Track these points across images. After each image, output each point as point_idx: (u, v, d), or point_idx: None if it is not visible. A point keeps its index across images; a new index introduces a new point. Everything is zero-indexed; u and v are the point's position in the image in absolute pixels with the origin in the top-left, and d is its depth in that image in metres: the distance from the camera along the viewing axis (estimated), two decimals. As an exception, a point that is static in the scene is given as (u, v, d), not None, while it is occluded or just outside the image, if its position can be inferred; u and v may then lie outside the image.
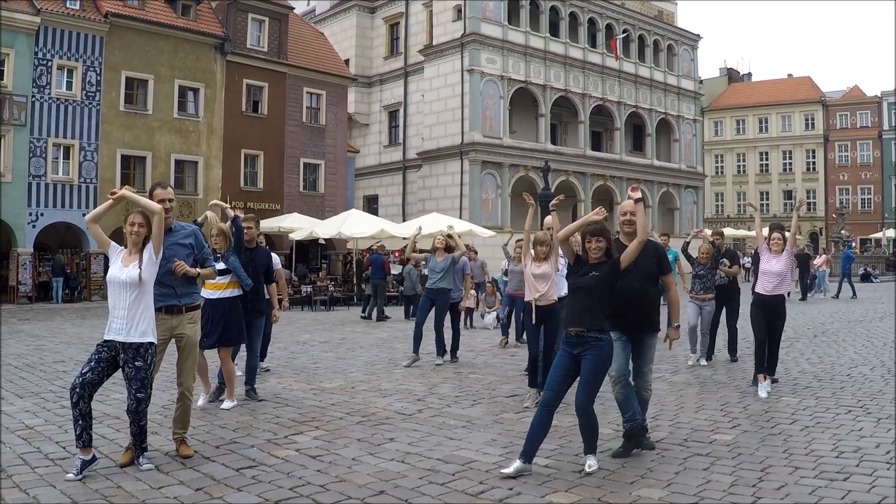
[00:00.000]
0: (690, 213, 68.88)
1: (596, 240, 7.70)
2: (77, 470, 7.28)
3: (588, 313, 7.55)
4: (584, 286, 7.60)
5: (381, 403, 11.14)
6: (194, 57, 40.58)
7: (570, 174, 57.35)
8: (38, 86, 35.31)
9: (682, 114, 68.23)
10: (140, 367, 7.52)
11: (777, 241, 12.19)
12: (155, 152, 39.00)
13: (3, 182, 34.27)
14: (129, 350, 7.49)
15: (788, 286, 12.81)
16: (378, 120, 62.78)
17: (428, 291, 15.44)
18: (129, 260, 7.57)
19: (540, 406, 7.63)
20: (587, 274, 7.64)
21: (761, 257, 12.31)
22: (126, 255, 7.63)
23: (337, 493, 6.94)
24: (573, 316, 7.61)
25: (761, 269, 12.17)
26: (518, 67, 54.91)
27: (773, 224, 13.14)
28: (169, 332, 8.39)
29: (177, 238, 8.48)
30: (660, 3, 70.04)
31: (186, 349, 8.50)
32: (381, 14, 62.36)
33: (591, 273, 7.62)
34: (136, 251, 7.60)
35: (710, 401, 11.08)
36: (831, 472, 7.40)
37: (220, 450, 8.46)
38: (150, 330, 7.65)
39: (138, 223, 7.57)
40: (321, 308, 33.00)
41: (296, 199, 44.55)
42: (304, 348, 18.17)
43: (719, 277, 15.20)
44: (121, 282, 7.49)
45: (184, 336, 8.47)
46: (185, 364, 8.50)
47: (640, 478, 7.35)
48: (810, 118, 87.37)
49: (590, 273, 7.63)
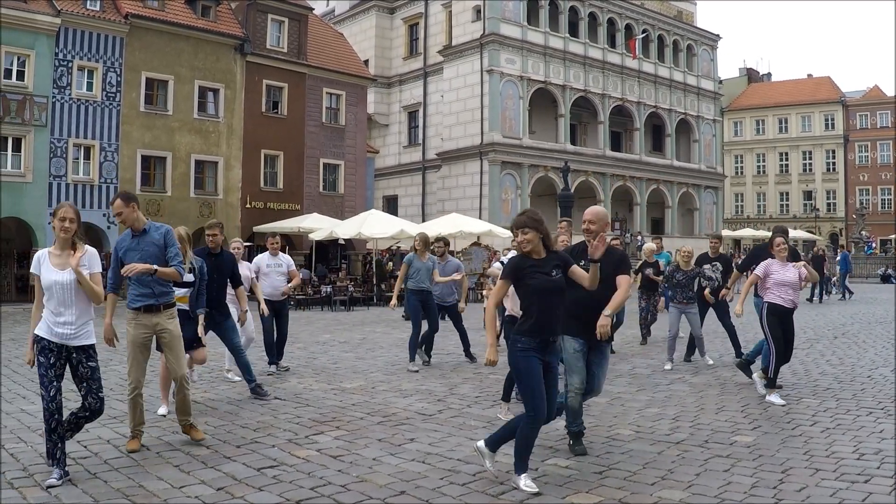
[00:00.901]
0: (710, 214, 68.75)
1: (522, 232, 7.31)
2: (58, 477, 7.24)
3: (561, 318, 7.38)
4: (556, 288, 7.26)
5: (402, 404, 11.15)
6: (214, 58, 40.64)
7: (589, 174, 57.33)
8: (59, 86, 35.41)
9: (701, 114, 68.07)
10: (95, 367, 7.59)
11: (781, 246, 11.52)
12: (175, 153, 39.08)
13: (24, 182, 34.38)
14: (83, 352, 7.51)
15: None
16: (397, 120, 62.85)
17: (416, 293, 15.19)
18: (62, 260, 7.45)
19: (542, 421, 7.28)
20: (550, 273, 7.25)
21: (771, 269, 11.51)
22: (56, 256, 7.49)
23: (358, 493, 6.96)
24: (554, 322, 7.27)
25: (777, 281, 11.36)
26: (537, 68, 54.93)
27: (777, 227, 12.85)
28: (150, 329, 8.57)
29: (150, 237, 8.61)
30: (679, 2, 69.87)
31: (172, 343, 8.70)
32: (400, 14, 62.42)
33: (555, 273, 7.27)
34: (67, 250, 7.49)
35: (730, 402, 11.04)
36: (852, 474, 7.38)
37: (241, 449, 8.48)
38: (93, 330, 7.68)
39: (69, 218, 7.44)
40: (341, 308, 33.01)
41: (315, 200, 44.57)
42: (324, 348, 18.19)
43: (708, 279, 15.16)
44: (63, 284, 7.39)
45: (166, 331, 8.65)
46: (175, 356, 8.70)
47: (661, 479, 7.34)
48: (830, 118, 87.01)
49: (552, 273, 7.25)
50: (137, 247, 8.50)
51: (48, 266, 7.41)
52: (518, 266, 7.23)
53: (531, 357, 7.11)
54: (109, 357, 14.09)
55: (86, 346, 7.51)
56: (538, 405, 7.06)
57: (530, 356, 7.10)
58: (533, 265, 7.22)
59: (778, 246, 11.53)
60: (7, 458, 8.03)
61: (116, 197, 8.66)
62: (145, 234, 8.59)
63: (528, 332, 7.14)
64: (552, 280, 7.21)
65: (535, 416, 7.06)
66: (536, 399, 7.06)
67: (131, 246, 8.52)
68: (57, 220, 7.41)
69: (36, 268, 7.42)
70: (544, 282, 7.15)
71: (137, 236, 8.55)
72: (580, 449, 8.35)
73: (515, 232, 7.36)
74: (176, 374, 8.71)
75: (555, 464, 7.74)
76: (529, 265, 7.22)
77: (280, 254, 14.53)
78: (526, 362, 7.12)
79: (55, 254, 7.48)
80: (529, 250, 7.27)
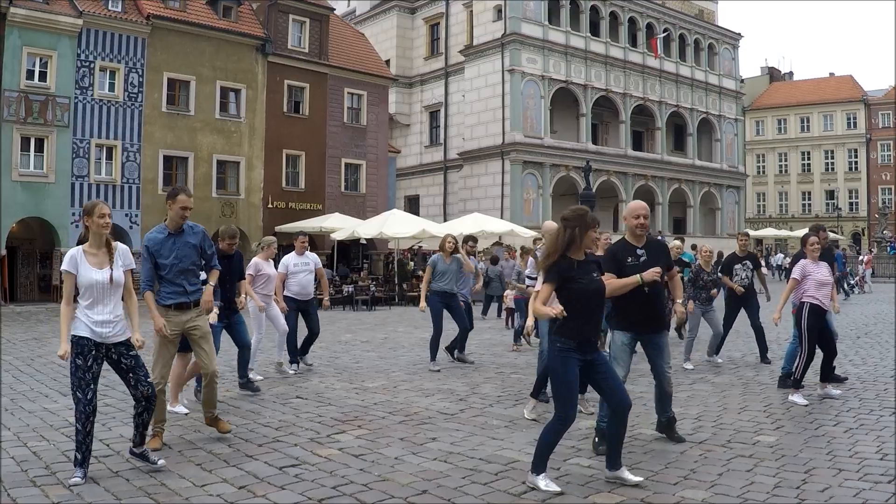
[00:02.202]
0: (732, 214, 68.55)
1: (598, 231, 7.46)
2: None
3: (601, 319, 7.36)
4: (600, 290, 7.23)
5: (424, 403, 11.15)
6: (236, 58, 40.71)
7: (611, 174, 57.25)
8: (81, 87, 35.54)
9: (723, 113, 67.89)
10: (136, 355, 7.58)
11: (815, 245, 11.36)
12: (197, 153, 39.19)
13: (46, 182, 34.56)
14: (123, 346, 7.52)
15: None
16: (419, 120, 62.88)
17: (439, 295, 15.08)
18: (99, 259, 7.46)
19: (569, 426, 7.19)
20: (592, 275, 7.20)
21: (808, 269, 11.29)
22: (92, 255, 7.48)
23: (380, 492, 6.95)
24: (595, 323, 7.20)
25: (815, 280, 11.17)
26: (559, 67, 54.87)
27: (814, 225, 12.80)
28: (180, 327, 8.61)
29: (186, 238, 8.67)
30: (700, 1, 69.72)
31: (204, 338, 8.76)
32: (421, 14, 62.46)
33: (595, 275, 7.23)
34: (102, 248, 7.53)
35: (753, 402, 11.00)
36: (875, 475, 7.33)
37: (263, 448, 8.49)
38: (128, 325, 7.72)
39: (108, 214, 7.50)
40: (363, 308, 33.05)
41: (337, 200, 44.62)
42: (346, 348, 18.21)
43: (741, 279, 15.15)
44: (102, 283, 7.40)
45: (197, 327, 8.72)
46: (207, 352, 8.77)
47: (684, 479, 7.32)
48: (852, 117, 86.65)
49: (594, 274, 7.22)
50: (173, 246, 8.56)
51: (86, 265, 7.39)
52: (564, 268, 7.09)
53: (570, 358, 7.00)
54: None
55: (125, 341, 7.53)
56: (569, 412, 7.01)
57: (569, 357, 6.99)
58: (578, 267, 7.12)
59: (811, 245, 11.40)
60: (30, 456, 8.06)
61: (182, 191, 8.75)
62: (182, 234, 8.64)
63: (569, 333, 7.02)
64: (595, 281, 7.18)
65: (564, 420, 7.02)
66: (569, 406, 7.01)
67: (166, 244, 8.55)
68: (95, 218, 7.40)
69: (72, 266, 7.37)
70: (589, 283, 7.09)
71: (173, 235, 8.59)
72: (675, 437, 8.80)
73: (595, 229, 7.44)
74: (208, 370, 8.75)
75: (577, 463, 7.73)
76: (575, 266, 7.11)
77: (307, 252, 14.57)
78: (564, 365, 7.00)
79: (91, 252, 7.47)
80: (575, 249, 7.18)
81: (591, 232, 7.19)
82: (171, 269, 8.50)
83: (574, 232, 7.09)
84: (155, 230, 8.70)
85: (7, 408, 10.55)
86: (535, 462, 7.10)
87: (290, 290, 14.08)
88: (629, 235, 8.44)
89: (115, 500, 6.69)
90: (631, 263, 8.09)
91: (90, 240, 7.51)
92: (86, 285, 7.35)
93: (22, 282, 36.81)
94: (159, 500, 6.70)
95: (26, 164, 34.13)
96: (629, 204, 8.68)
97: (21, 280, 36.78)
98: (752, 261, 15.55)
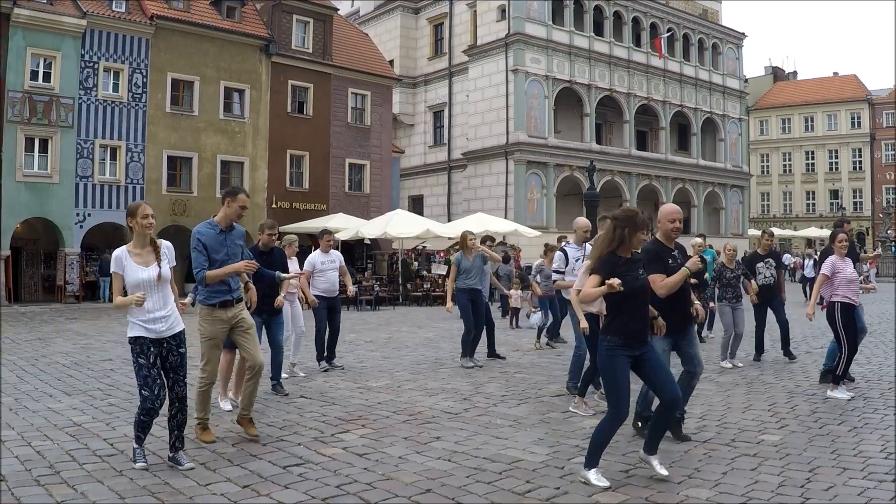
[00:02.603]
0: (736, 213, 68.46)
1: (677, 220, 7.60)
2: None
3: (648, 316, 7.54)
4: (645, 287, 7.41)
5: (428, 402, 11.15)
6: (239, 58, 40.76)
7: (615, 174, 57.20)
8: (85, 88, 35.59)
9: (727, 113, 67.80)
10: (184, 353, 7.72)
11: (843, 242, 11.47)
12: (201, 153, 39.23)
13: (50, 183, 34.61)
14: (174, 340, 7.63)
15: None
16: (423, 120, 62.85)
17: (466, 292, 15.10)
18: (144, 258, 7.57)
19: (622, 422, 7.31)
20: (638, 272, 7.34)
21: (838, 266, 11.35)
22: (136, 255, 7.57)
23: (384, 491, 6.95)
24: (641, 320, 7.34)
25: (845, 278, 11.26)
26: (563, 67, 54.80)
27: (837, 221, 12.76)
28: (227, 323, 8.68)
29: (234, 235, 8.79)
30: (704, 1, 69.59)
31: (250, 332, 8.86)
32: (425, 14, 62.42)
33: (641, 273, 7.36)
34: (147, 247, 7.63)
35: (757, 401, 11.00)
36: (880, 473, 7.34)
37: (267, 447, 8.50)
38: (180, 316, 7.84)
39: (152, 214, 7.62)
40: (367, 308, 33.07)
41: (341, 200, 44.66)
42: (350, 347, 18.21)
43: (764, 277, 15.18)
44: (150, 282, 7.49)
45: (244, 321, 8.81)
46: (253, 344, 8.87)
47: (688, 478, 7.32)
48: (856, 117, 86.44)
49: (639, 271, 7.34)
50: (225, 242, 8.64)
51: (132, 265, 7.49)
52: (614, 263, 7.21)
53: (617, 356, 7.13)
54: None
55: (178, 333, 7.67)
56: (621, 408, 7.14)
57: (616, 355, 7.12)
58: (625, 263, 7.26)
59: (840, 242, 11.43)
60: (34, 456, 8.06)
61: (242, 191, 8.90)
62: (232, 230, 8.76)
63: (616, 331, 7.17)
64: (641, 279, 7.33)
65: (616, 416, 7.15)
66: (620, 403, 7.13)
67: (219, 240, 8.60)
68: (139, 219, 7.53)
69: (118, 267, 7.47)
70: (634, 280, 7.21)
71: (225, 232, 8.68)
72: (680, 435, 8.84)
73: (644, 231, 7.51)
74: (255, 362, 8.81)
75: (580, 462, 7.72)
76: (623, 263, 7.25)
77: (332, 251, 14.63)
78: (612, 363, 7.15)
79: (136, 252, 7.58)
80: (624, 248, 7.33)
81: (639, 233, 7.35)
82: (221, 265, 8.53)
83: (624, 232, 7.26)
84: (205, 225, 8.71)
85: (11, 407, 10.56)
86: (588, 458, 7.22)
87: (317, 288, 14.14)
88: (663, 237, 8.48)
89: (119, 500, 6.69)
90: (672, 265, 8.16)
91: (134, 239, 7.63)
92: (133, 284, 7.46)
93: (26, 282, 36.86)
94: (163, 499, 6.70)
95: (30, 165, 34.20)
96: (665, 207, 8.71)
97: (25, 280, 36.83)
98: (774, 258, 15.61)
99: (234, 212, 8.67)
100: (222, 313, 8.62)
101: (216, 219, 8.73)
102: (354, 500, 6.73)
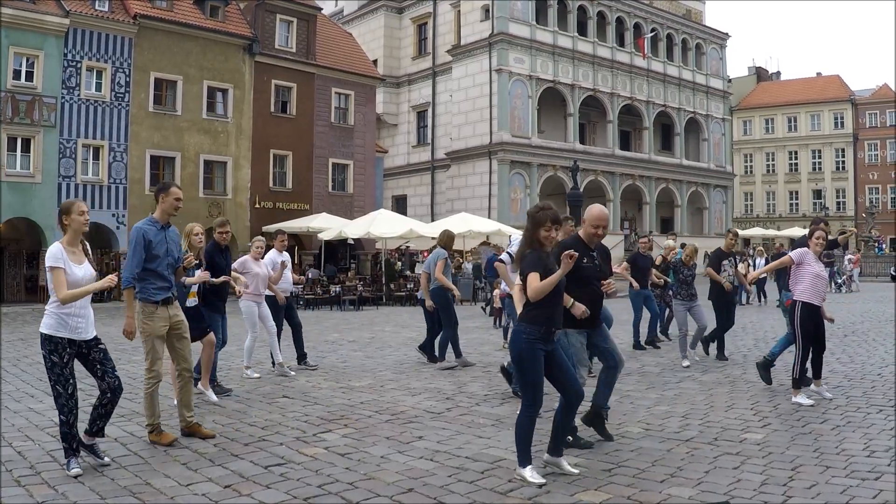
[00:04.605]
0: (719, 213, 68.74)
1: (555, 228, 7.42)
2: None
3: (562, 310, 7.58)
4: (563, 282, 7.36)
5: (410, 402, 11.13)
6: (223, 58, 40.71)
7: (598, 174, 57.37)
8: (68, 87, 35.49)
9: (710, 113, 68.09)
10: (104, 348, 7.72)
11: (821, 240, 11.08)
12: (184, 153, 39.17)
13: (33, 183, 34.49)
14: (92, 341, 7.63)
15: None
16: (406, 120, 62.96)
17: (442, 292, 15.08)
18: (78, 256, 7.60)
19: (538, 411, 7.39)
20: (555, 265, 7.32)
21: (806, 258, 11.06)
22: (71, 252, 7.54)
23: (365, 490, 6.93)
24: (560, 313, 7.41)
25: (814, 273, 10.94)
26: (546, 67, 54.98)
27: (816, 219, 12.65)
28: (167, 321, 8.69)
29: (172, 233, 8.87)
30: (688, 1, 69.90)
31: (186, 337, 8.93)
32: (408, 14, 62.55)
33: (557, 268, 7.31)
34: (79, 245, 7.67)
35: (740, 400, 11.00)
36: (863, 472, 7.34)
37: (248, 447, 8.46)
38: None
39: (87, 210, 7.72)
40: (350, 308, 33.02)
41: (324, 200, 44.66)
42: (333, 347, 18.18)
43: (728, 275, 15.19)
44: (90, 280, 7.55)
45: (182, 322, 8.87)
46: (188, 348, 8.95)
47: (671, 476, 7.30)
48: (839, 117, 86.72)
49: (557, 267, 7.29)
50: (165, 239, 8.67)
51: (69, 263, 7.45)
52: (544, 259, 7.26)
53: (537, 349, 7.13)
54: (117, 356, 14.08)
55: (94, 338, 7.64)
56: (538, 396, 7.20)
57: (536, 347, 7.12)
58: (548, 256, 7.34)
59: (817, 239, 11.10)
60: (14, 456, 8.02)
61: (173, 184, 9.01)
62: (169, 227, 8.81)
63: (536, 322, 7.16)
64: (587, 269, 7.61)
65: (533, 407, 7.19)
66: (537, 391, 7.18)
67: (160, 237, 8.64)
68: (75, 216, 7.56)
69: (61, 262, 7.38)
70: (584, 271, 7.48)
71: (164, 229, 8.72)
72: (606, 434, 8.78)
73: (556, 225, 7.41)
74: (189, 365, 8.89)
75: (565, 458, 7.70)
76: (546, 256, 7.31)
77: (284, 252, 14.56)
78: (531, 352, 7.13)
79: (70, 249, 7.55)
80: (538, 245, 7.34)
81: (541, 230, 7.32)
82: (162, 261, 8.57)
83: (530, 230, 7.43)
84: (146, 222, 8.69)
85: (-8, 408, 10.51)
86: (519, 457, 7.22)
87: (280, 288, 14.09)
88: (584, 237, 8.45)
89: (100, 500, 6.65)
90: (586, 264, 8.13)
91: (69, 237, 7.58)
92: (72, 283, 7.38)
93: (9, 282, 36.70)
94: (144, 500, 6.67)
95: (13, 165, 34.07)
96: (592, 209, 8.51)
97: (8, 281, 36.68)
98: (735, 258, 15.72)
99: (169, 206, 8.71)
100: (164, 311, 8.64)
101: (155, 216, 8.75)
102: (336, 500, 6.70)
